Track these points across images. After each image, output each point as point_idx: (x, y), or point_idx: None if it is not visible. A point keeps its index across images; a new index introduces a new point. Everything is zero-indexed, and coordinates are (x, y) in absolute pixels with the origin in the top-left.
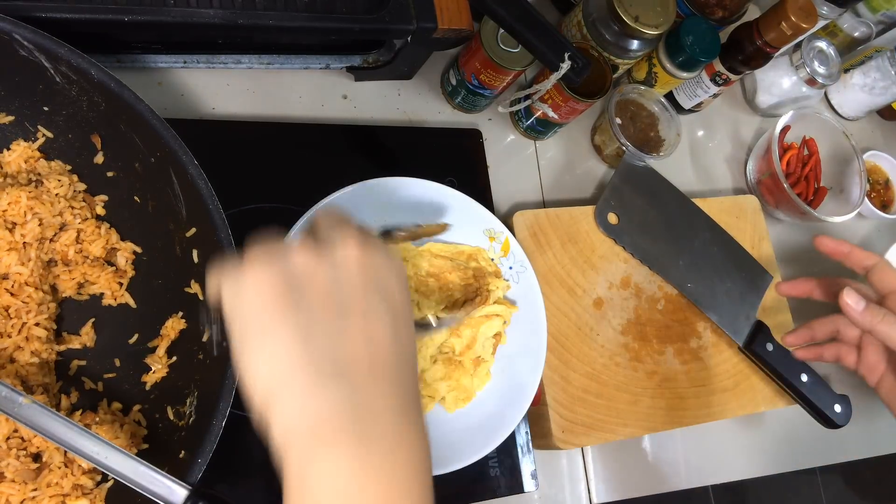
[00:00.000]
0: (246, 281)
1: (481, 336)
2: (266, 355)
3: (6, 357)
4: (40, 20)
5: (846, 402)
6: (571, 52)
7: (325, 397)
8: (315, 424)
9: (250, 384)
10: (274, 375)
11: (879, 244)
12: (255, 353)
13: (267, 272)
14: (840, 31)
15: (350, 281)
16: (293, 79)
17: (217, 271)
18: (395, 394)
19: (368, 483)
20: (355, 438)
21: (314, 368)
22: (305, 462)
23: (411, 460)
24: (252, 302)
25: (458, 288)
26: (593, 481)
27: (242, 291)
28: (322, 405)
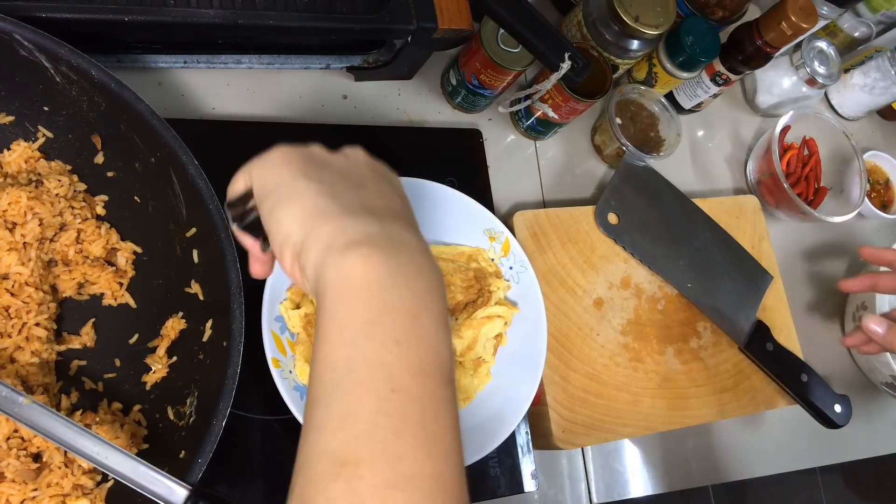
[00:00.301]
0: (273, 157)
1: (482, 337)
2: (297, 209)
3: (6, 357)
4: (40, 20)
5: (846, 402)
6: (572, 52)
7: (355, 224)
8: (348, 241)
9: (284, 240)
10: (305, 222)
11: (879, 244)
12: (287, 210)
13: (291, 151)
14: (840, 31)
15: (361, 168)
16: (293, 79)
17: (241, 170)
18: (416, 234)
19: (397, 283)
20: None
21: (343, 209)
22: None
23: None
24: (281, 170)
25: (460, 290)
26: (593, 481)
27: (271, 164)
28: (354, 227)
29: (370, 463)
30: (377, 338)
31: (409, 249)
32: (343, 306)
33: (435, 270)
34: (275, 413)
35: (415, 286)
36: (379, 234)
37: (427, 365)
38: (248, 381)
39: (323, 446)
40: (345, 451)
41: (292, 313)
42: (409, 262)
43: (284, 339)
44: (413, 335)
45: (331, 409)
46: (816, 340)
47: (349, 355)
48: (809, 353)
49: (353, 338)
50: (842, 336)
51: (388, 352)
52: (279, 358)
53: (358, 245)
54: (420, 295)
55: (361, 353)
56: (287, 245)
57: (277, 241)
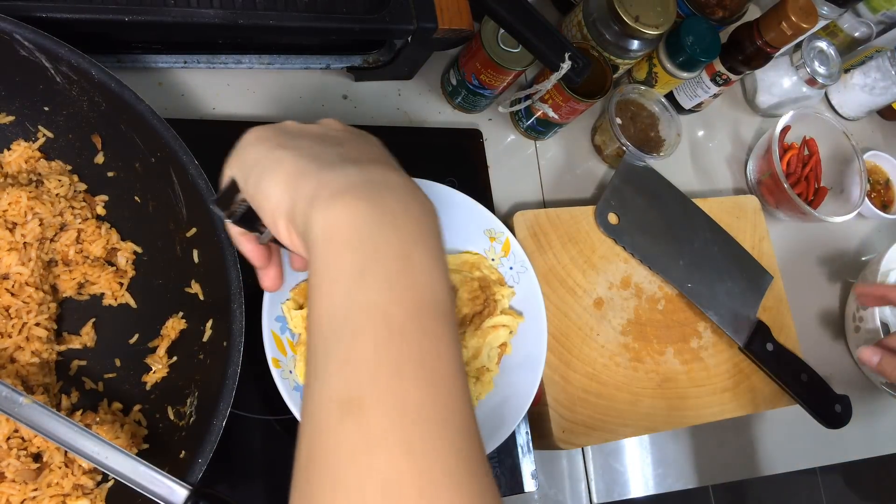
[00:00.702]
0: (247, 139)
1: (486, 346)
2: (280, 176)
3: (7, 357)
4: (41, 20)
5: (846, 402)
6: (572, 52)
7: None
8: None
9: (275, 210)
10: (290, 186)
11: (879, 244)
12: (270, 180)
13: (263, 129)
14: (840, 31)
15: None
16: (294, 79)
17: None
18: (399, 174)
19: (384, 226)
20: (369, 195)
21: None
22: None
23: (421, 220)
24: (257, 148)
25: (466, 303)
26: (593, 481)
27: (246, 145)
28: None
29: (376, 402)
30: (369, 283)
31: (393, 189)
32: (333, 256)
33: (423, 206)
34: (275, 413)
35: (402, 226)
36: (360, 180)
37: (423, 304)
38: (248, 381)
39: (327, 392)
40: (349, 394)
41: (295, 313)
42: (394, 203)
43: (285, 339)
44: (405, 276)
45: (331, 357)
46: (816, 340)
47: (344, 304)
48: (809, 353)
49: (346, 286)
50: (842, 336)
51: (381, 296)
52: (279, 358)
53: (341, 194)
54: (409, 234)
55: (355, 300)
56: (279, 214)
57: (269, 214)
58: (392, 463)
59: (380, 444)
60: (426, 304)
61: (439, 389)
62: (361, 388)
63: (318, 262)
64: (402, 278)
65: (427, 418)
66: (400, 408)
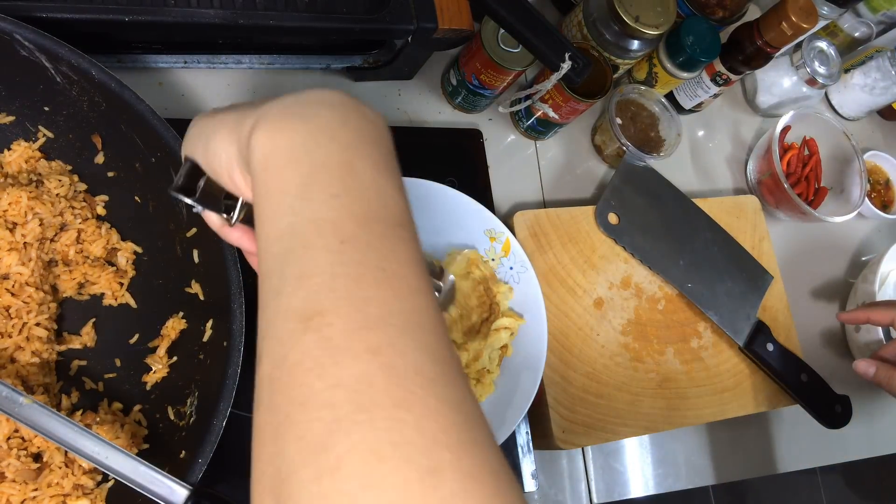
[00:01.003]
0: (194, 124)
1: (488, 348)
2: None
3: (7, 357)
4: (41, 20)
5: (846, 402)
6: (572, 52)
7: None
8: (266, 120)
9: (228, 165)
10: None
11: (880, 244)
12: (216, 139)
13: (204, 114)
14: (840, 31)
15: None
16: (294, 79)
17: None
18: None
19: (321, 140)
20: (303, 114)
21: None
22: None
23: (362, 130)
24: (201, 122)
25: (475, 310)
26: (593, 481)
27: (193, 123)
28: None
29: (336, 310)
30: (314, 197)
31: (329, 105)
32: (273, 178)
33: (364, 116)
34: None
35: (342, 137)
36: (293, 102)
37: (373, 212)
38: (248, 381)
39: (285, 307)
40: (308, 306)
41: None
42: (330, 117)
43: None
44: (351, 185)
45: (285, 275)
46: (817, 340)
47: (291, 221)
48: (809, 353)
49: (290, 204)
50: (842, 336)
51: (329, 207)
52: None
53: (275, 119)
54: (349, 144)
55: (303, 216)
56: (232, 167)
57: (225, 174)
58: (360, 368)
59: (345, 351)
60: (376, 212)
61: (401, 293)
62: (320, 299)
63: (261, 187)
64: (348, 188)
65: (392, 322)
66: (362, 313)
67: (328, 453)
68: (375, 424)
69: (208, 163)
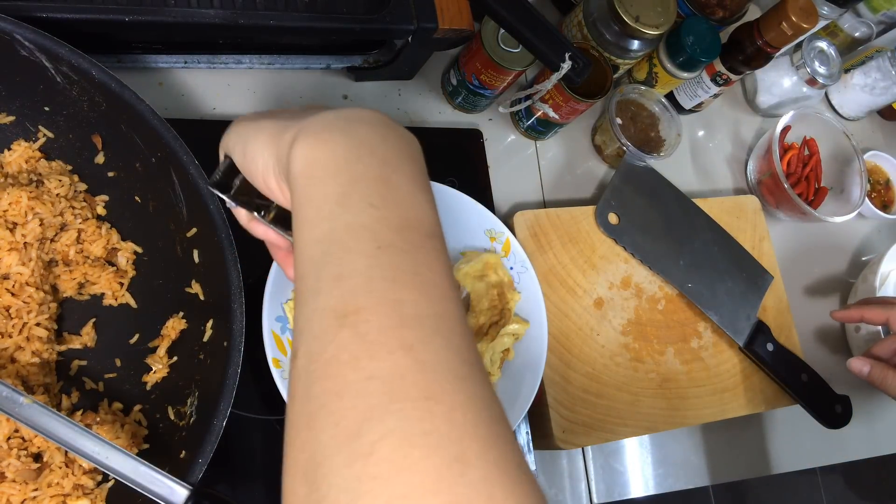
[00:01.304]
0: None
1: (489, 351)
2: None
3: (7, 357)
4: (41, 20)
5: (846, 402)
6: (572, 52)
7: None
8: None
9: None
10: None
11: (880, 245)
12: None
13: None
14: (841, 31)
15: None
16: (294, 79)
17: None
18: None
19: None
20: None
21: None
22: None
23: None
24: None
25: (485, 312)
26: (594, 481)
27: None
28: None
29: (373, 308)
30: (353, 205)
31: (369, 123)
32: (314, 187)
33: (402, 136)
34: (275, 413)
35: (381, 153)
36: (335, 118)
37: (408, 222)
38: (248, 381)
39: (323, 304)
40: (345, 304)
41: None
42: (370, 134)
43: (285, 339)
44: (388, 197)
45: (322, 275)
46: (817, 340)
47: (330, 227)
48: (810, 354)
49: (330, 211)
50: (842, 336)
51: (366, 215)
52: (280, 358)
53: (317, 132)
54: (388, 160)
55: (342, 222)
56: (268, 173)
57: (260, 178)
58: (393, 362)
59: (380, 346)
60: (411, 222)
61: (433, 297)
62: (357, 297)
63: (300, 194)
64: (385, 200)
65: (425, 323)
66: (397, 312)
67: (361, 439)
68: (407, 414)
69: (245, 165)
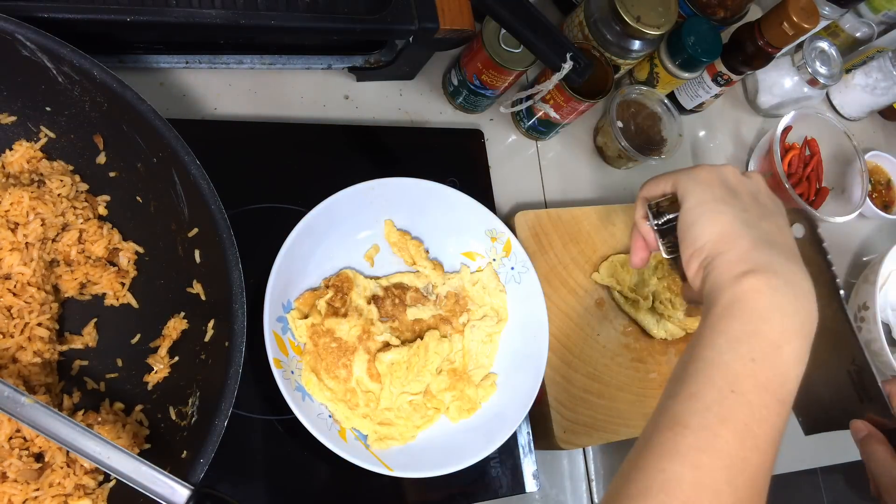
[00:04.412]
0: (699, 175)
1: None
2: (715, 230)
3: (9, 357)
4: (43, 20)
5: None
6: (573, 52)
7: (759, 256)
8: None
9: (697, 252)
10: (719, 244)
11: (881, 245)
12: (705, 229)
13: (711, 171)
14: (842, 31)
15: (763, 198)
16: (295, 79)
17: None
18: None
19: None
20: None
21: (752, 241)
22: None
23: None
24: (704, 190)
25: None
26: (594, 481)
27: (697, 181)
28: (757, 259)
29: (694, 429)
30: (738, 351)
31: (794, 291)
32: (724, 321)
33: (812, 314)
34: (276, 413)
35: (787, 323)
36: (775, 272)
37: (771, 384)
38: (249, 381)
39: (669, 409)
40: (680, 416)
41: (300, 323)
42: (789, 303)
43: (286, 340)
44: (769, 360)
45: (682, 388)
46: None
47: (711, 357)
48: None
49: (720, 345)
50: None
51: (741, 364)
52: (281, 358)
53: (755, 275)
54: (788, 331)
55: (721, 359)
56: (698, 256)
57: (689, 248)
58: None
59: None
60: (773, 385)
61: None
62: (689, 418)
63: (713, 319)
64: (765, 360)
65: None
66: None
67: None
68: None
69: (686, 226)
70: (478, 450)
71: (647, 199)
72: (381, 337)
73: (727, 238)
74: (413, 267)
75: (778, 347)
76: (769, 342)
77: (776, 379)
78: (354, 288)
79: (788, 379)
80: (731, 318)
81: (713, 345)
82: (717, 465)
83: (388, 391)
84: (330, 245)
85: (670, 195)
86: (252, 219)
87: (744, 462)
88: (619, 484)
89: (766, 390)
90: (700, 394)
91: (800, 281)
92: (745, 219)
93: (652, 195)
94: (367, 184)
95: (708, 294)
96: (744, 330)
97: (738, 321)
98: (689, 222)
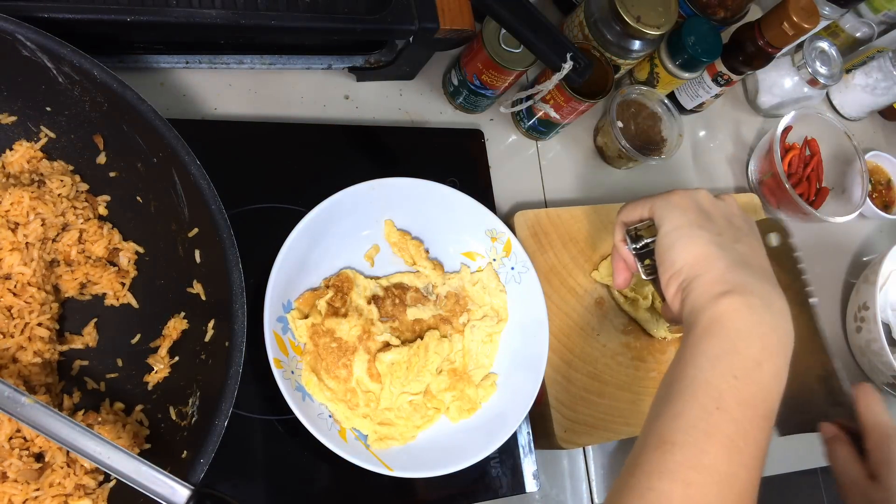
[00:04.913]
0: (673, 199)
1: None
2: (691, 254)
3: (9, 357)
4: (43, 20)
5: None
6: (573, 52)
7: (734, 277)
8: (725, 291)
9: (674, 275)
10: (695, 266)
11: (881, 245)
12: (681, 252)
13: (685, 196)
14: (842, 31)
15: (737, 220)
16: (295, 79)
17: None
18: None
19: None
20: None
21: (728, 260)
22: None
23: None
24: (680, 215)
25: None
26: (595, 481)
27: (672, 206)
28: (733, 281)
29: (682, 447)
30: (719, 369)
31: (771, 310)
32: (705, 341)
33: (789, 333)
34: (276, 413)
35: (766, 341)
36: (751, 292)
37: (754, 400)
38: (249, 381)
39: (656, 428)
40: (667, 434)
41: (300, 323)
42: (765, 321)
43: (286, 340)
44: (750, 377)
45: (667, 407)
46: None
47: (694, 374)
48: None
49: (701, 364)
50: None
51: (724, 381)
52: (281, 358)
53: (732, 296)
54: (767, 348)
55: (703, 376)
56: (676, 279)
57: (668, 273)
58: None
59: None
60: (756, 401)
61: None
62: (675, 436)
63: (693, 339)
64: (747, 377)
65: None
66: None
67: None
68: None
69: (661, 252)
70: (478, 450)
71: (625, 224)
72: (382, 337)
73: (703, 261)
74: (413, 267)
75: (758, 364)
76: (750, 359)
77: (759, 395)
78: (354, 288)
79: (770, 395)
80: (711, 337)
81: (695, 364)
82: (708, 481)
83: (388, 391)
84: (330, 245)
85: (647, 220)
86: (252, 219)
87: (733, 478)
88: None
89: (750, 406)
90: (685, 412)
91: (775, 300)
92: (719, 242)
93: (630, 220)
94: (367, 184)
95: (687, 315)
96: (724, 348)
97: (718, 340)
98: (667, 246)
